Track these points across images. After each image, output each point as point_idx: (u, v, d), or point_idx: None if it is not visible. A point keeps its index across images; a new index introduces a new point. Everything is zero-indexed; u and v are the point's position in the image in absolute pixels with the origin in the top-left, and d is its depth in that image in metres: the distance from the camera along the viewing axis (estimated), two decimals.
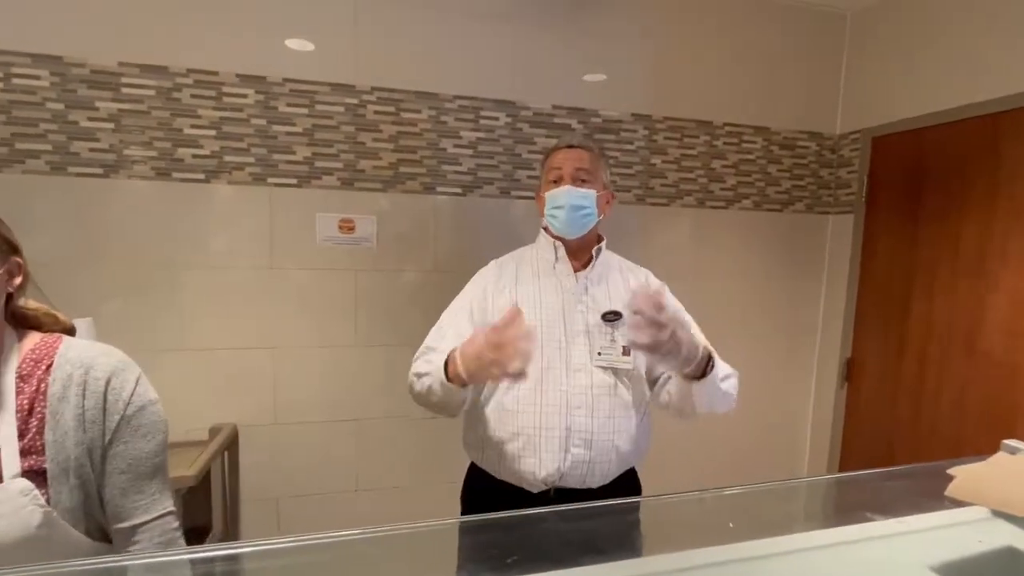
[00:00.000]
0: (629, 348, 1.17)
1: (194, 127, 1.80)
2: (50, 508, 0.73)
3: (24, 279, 0.80)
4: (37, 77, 1.67)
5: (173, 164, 1.80)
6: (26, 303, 0.84)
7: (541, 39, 2.09)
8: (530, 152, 2.13)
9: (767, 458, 2.56)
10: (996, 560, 0.74)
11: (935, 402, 2.09)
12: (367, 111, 1.95)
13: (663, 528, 1.05)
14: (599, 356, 1.17)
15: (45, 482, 0.74)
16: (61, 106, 1.69)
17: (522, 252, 1.36)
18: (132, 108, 1.74)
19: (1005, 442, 0.92)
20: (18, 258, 0.80)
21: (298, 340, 1.97)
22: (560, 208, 1.20)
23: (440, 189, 2.05)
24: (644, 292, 0.98)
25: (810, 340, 2.57)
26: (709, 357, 1.05)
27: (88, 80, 1.70)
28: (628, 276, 1.30)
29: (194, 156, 1.81)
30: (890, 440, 2.25)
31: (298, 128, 1.89)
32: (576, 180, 1.21)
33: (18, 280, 0.79)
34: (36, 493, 0.72)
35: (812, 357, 2.58)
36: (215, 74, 1.80)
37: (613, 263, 1.32)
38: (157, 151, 1.78)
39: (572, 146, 1.26)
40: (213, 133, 1.82)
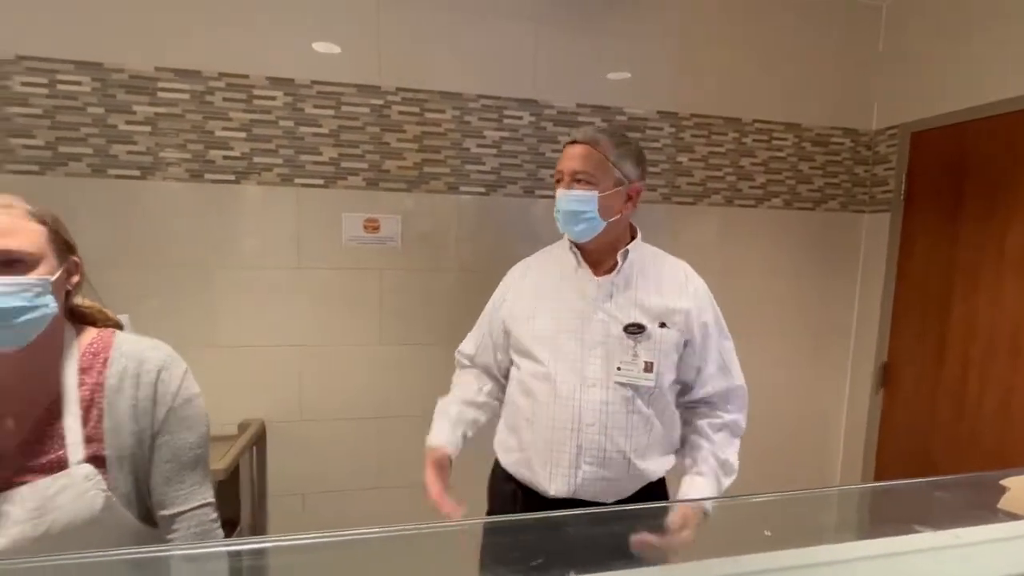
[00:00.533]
0: (652, 364, 1.10)
1: (225, 129, 1.85)
2: (110, 492, 0.77)
3: (80, 277, 0.85)
4: (79, 83, 1.74)
5: (205, 166, 1.85)
6: (81, 300, 0.88)
7: (565, 37, 2.08)
8: (553, 151, 2.12)
9: (797, 461, 2.49)
10: None
11: (977, 408, 2.00)
12: (392, 112, 1.97)
13: (696, 534, 1.02)
14: (618, 371, 1.10)
15: (105, 468, 0.78)
16: (101, 110, 1.76)
17: (550, 252, 1.29)
18: (167, 111, 1.80)
19: None
20: (75, 257, 0.84)
21: (324, 338, 2.00)
22: (558, 212, 1.13)
23: (464, 189, 2.06)
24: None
25: (843, 342, 2.49)
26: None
27: (126, 85, 1.77)
28: (664, 280, 1.18)
29: (225, 158, 1.86)
30: (928, 448, 2.16)
31: (324, 129, 1.93)
32: (572, 182, 1.11)
33: (76, 279, 0.84)
34: (99, 478, 0.77)
35: (846, 359, 2.49)
36: (246, 77, 1.85)
37: (647, 262, 1.20)
38: (191, 153, 1.84)
39: (575, 141, 1.14)
40: (243, 135, 1.87)
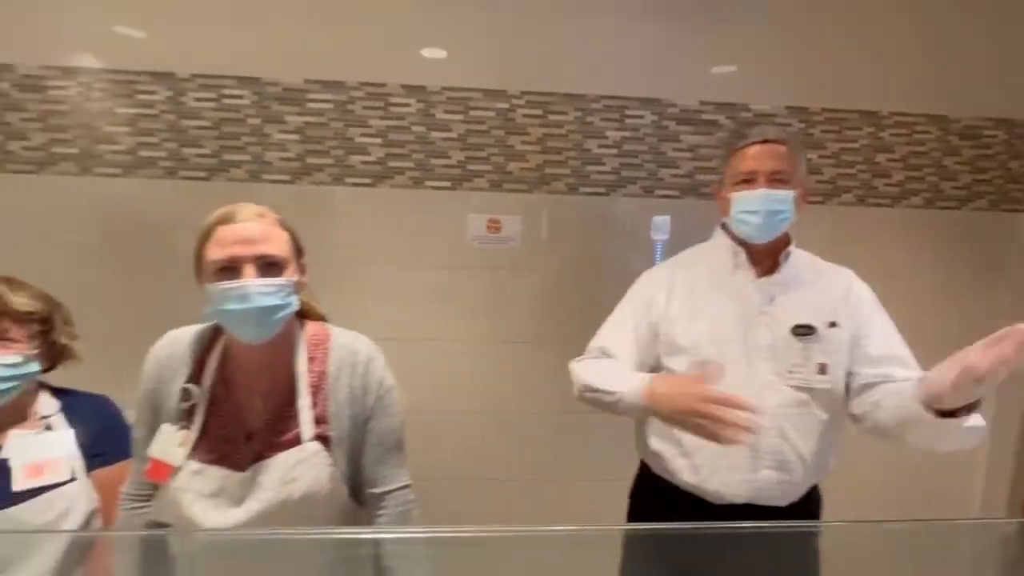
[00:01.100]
0: (826, 365, 1.08)
1: (364, 136, 1.97)
2: (335, 468, 0.87)
3: (306, 277, 0.95)
4: (241, 97, 1.92)
5: (345, 170, 1.98)
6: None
7: (687, 34, 2.03)
8: (675, 150, 2.09)
9: (930, 485, 2.31)
10: None
11: None
12: (516, 115, 2.02)
13: (849, 556, 0.99)
14: (790, 375, 1.09)
15: (329, 447, 0.88)
16: (258, 121, 1.93)
17: (695, 254, 1.28)
18: (314, 120, 1.95)
19: None
20: (303, 259, 0.94)
21: (447, 334, 2.09)
22: (753, 213, 1.11)
23: (583, 189, 2.07)
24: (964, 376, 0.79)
25: None
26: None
27: (280, 97, 1.93)
28: (825, 281, 1.18)
29: (363, 163, 1.98)
30: None
31: (453, 134, 2.00)
32: (773, 181, 1.11)
33: (305, 278, 0.94)
34: (326, 455, 0.87)
35: None
36: (383, 86, 1.96)
37: (803, 265, 1.20)
38: (333, 159, 1.97)
39: (768, 140, 1.12)
40: (380, 141, 1.98)
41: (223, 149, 1.93)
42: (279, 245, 0.88)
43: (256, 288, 0.82)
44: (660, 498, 1.21)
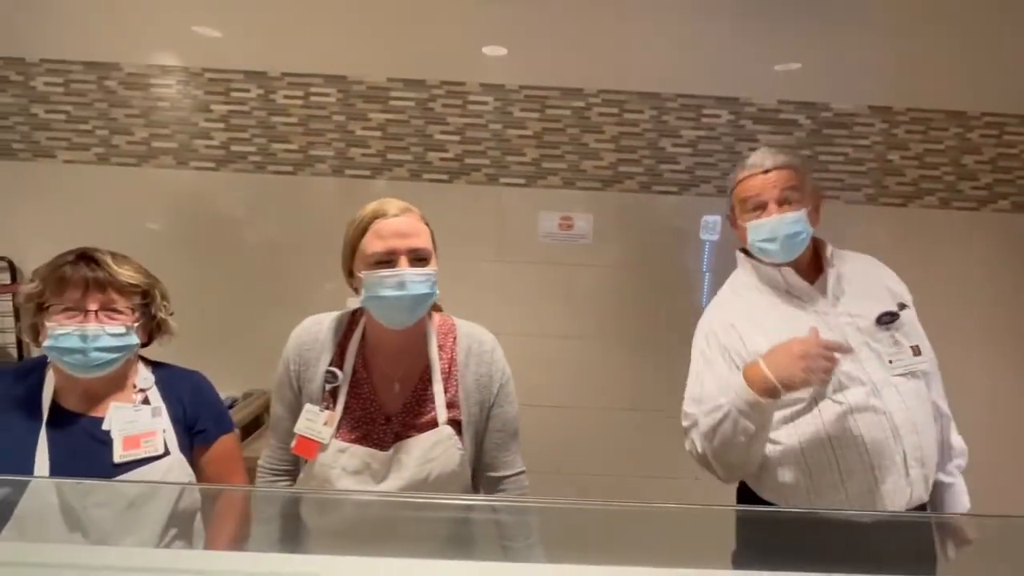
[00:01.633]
0: (918, 345, 1.08)
1: (443, 133, 2.02)
2: (463, 451, 0.91)
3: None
4: (327, 94, 1.99)
5: (423, 167, 2.03)
6: None
7: (765, 32, 2.00)
8: (751, 150, 2.05)
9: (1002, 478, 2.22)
10: None
11: None
12: (592, 113, 2.03)
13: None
14: (891, 365, 1.07)
15: (460, 431, 0.92)
16: (343, 118, 2.00)
17: (735, 289, 1.22)
18: (395, 118, 2.00)
19: None
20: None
21: (518, 328, 2.11)
22: (772, 241, 1.09)
23: (656, 188, 2.07)
24: None
25: None
26: None
27: (364, 95, 1.99)
28: (866, 267, 1.19)
29: (440, 159, 2.03)
30: None
31: (529, 131, 2.03)
32: (783, 203, 1.09)
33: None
34: (457, 438, 0.91)
35: None
36: (462, 84, 2.00)
37: (845, 259, 1.19)
38: (412, 155, 2.03)
39: (768, 170, 1.11)
40: (457, 138, 2.02)
41: (309, 145, 2.01)
42: (426, 239, 0.93)
43: (411, 277, 0.88)
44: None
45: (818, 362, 0.92)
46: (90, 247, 1.03)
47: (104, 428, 0.98)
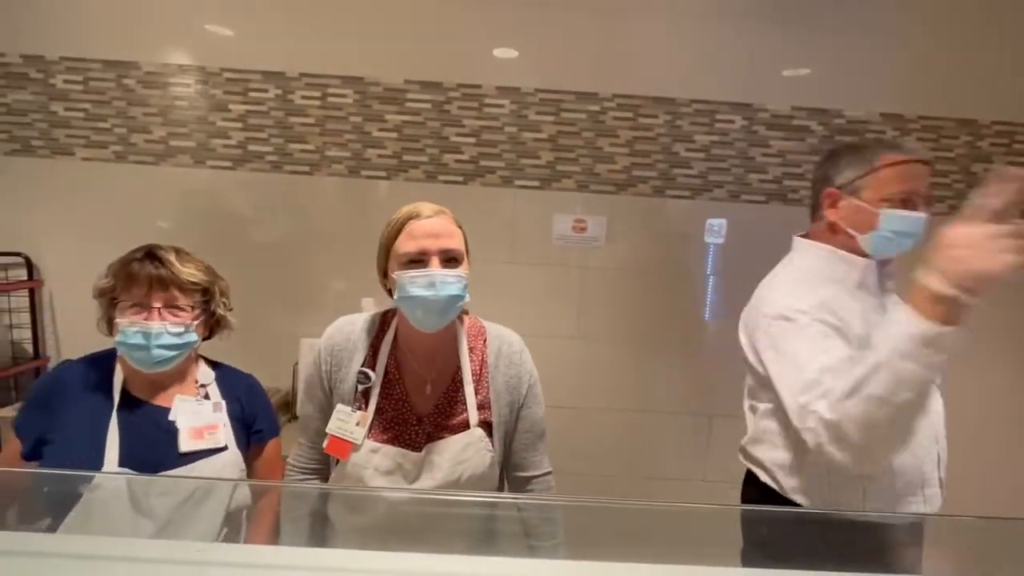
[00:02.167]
0: None
1: (458, 135, 2.03)
2: (493, 452, 0.92)
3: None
4: (344, 95, 2.00)
5: (439, 168, 2.05)
6: None
7: (780, 38, 2.02)
8: (764, 155, 2.08)
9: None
10: None
11: None
12: (607, 117, 2.05)
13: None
14: None
15: (490, 433, 0.94)
16: (360, 119, 2.01)
17: (801, 272, 1.14)
18: (412, 119, 2.02)
19: None
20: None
21: (530, 329, 2.11)
22: (910, 236, 1.03)
23: (670, 192, 2.09)
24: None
25: None
26: None
27: (381, 96, 2.00)
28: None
29: (456, 161, 2.05)
30: None
31: (544, 134, 2.05)
32: (927, 203, 1.05)
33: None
34: (487, 440, 0.92)
35: None
36: (478, 87, 2.01)
37: None
38: (427, 157, 2.04)
39: (926, 162, 1.04)
40: (473, 140, 2.04)
41: (326, 145, 2.02)
42: (458, 241, 0.95)
43: (442, 277, 0.90)
44: None
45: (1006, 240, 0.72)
46: (156, 244, 1.08)
47: (170, 419, 1.03)
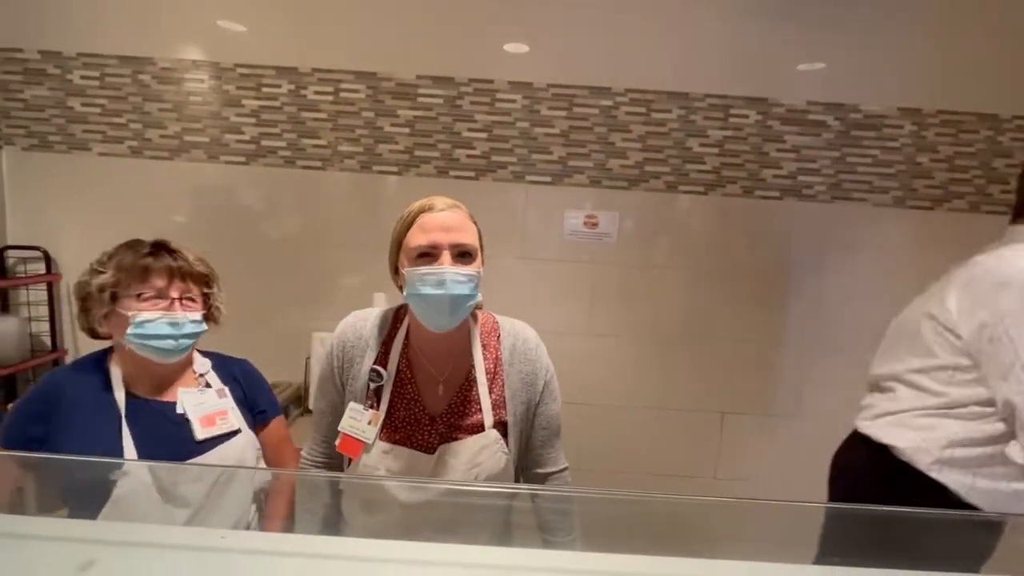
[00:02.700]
0: None
1: (470, 131, 2.03)
2: (508, 454, 0.91)
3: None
4: (357, 91, 2.00)
5: (451, 164, 2.05)
6: None
7: (795, 31, 1.99)
8: (778, 150, 2.06)
9: None
10: None
11: None
12: (619, 112, 2.03)
13: None
14: None
15: (506, 432, 0.92)
16: (372, 114, 2.01)
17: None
18: (423, 115, 2.02)
19: None
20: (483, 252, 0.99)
21: (541, 326, 2.11)
22: None
23: (682, 188, 2.07)
24: None
25: None
26: None
27: (393, 92, 2.00)
28: None
29: (468, 156, 2.04)
30: None
31: (556, 130, 2.04)
32: None
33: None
34: (503, 441, 0.91)
35: None
36: (490, 82, 2.01)
37: None
38: (439, 152, 2.04)
39: None
40: (484, 136, 2.03)
41: (338, 140, 2.02)
42: (472, 236, 0.93)
43: (452, 276, 0.87)
44: None
45: None
46: (162, 239, 1.08)
47: (179, 412, 1.04)
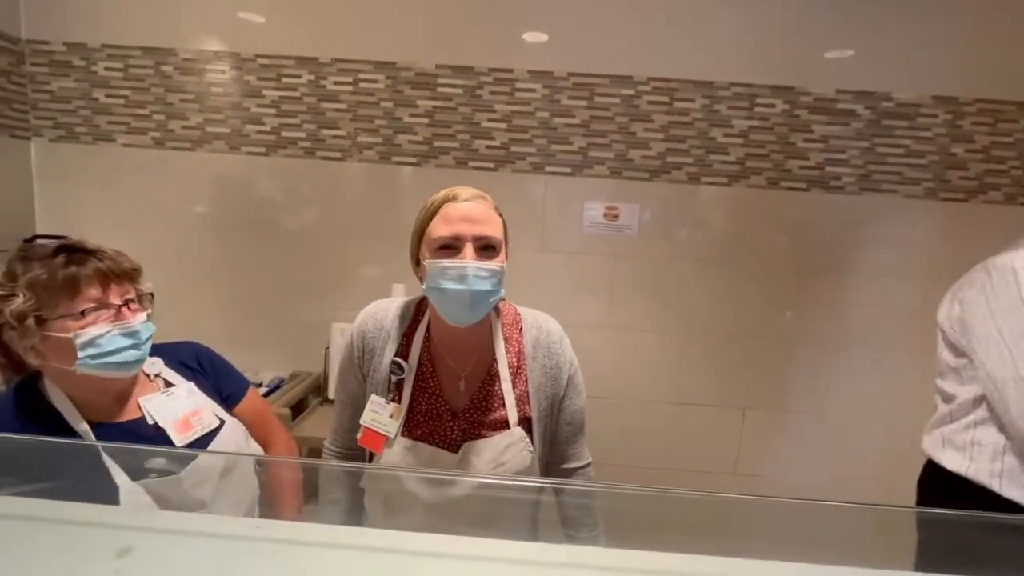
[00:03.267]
0: None
1: (490, 120, 2.01)
2: (533, 451, 0.90)
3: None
4: (376, 81, 1.99)
5: (470, 154, 2.03)
6: None
7: (823, 17, 1.93)
8: (805, 140, 2.00)
9: None
10: None
11: None
12: (641, 101, 1.99)
13: None
14: None
15: (530, 428, 0.91)
16: (391, 104, 2.00)
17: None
18: (443, 104, 2.00)
19: None
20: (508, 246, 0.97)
21: (560, 318, 2.10)
22: None
23: (705, 179, 2.03)
24: None
25: None
26: None
27: (412, 81, 1.99)
28: None
29: (487, 147, 2.02)
30: None
31: (576, 120, 2.01)
32: None
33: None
34: (527, 440, 0.89)
35: None
36: (510, 71, 1.98)
37: None
38: (459, 143, 2.02)
39: None
40: (504, 126, 2.01)
41: (358, 131, 2.02)
42: (496, 228, 0.90)
43: (474, 270, 0.84)
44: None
45: None
46: (65, 238, 0.91)
47: (150, 424, 0.93)
